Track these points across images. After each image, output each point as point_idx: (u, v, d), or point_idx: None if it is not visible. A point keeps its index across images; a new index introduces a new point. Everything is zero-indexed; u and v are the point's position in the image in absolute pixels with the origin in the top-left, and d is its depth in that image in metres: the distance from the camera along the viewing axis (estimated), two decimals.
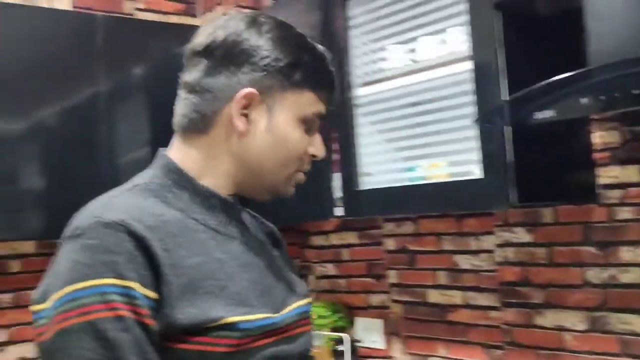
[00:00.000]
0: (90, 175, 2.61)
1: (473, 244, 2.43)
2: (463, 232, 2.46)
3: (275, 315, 1.02)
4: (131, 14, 3.15)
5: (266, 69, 1.03)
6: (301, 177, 1.12)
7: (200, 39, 1.08)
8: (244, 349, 0.95)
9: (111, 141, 2.67)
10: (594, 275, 2.09)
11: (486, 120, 1.79)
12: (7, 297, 2.76)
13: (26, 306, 2.74)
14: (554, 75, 1.59)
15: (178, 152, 1.09)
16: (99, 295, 0.88)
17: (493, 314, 2.36)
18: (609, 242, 2.05)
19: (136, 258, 0.91)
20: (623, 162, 2.01)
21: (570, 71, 1.57)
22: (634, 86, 1.49)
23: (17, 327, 2.77)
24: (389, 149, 2.28)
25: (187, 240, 0.99)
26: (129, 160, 2.72)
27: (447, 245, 2.51)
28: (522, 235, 2.28)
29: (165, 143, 2.97)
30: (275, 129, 1.05)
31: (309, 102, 1.07)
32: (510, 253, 2.31)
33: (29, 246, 2.83)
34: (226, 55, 1.04)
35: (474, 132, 1.92)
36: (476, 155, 1.93)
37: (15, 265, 2.80)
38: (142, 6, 3.20)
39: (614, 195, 2.03)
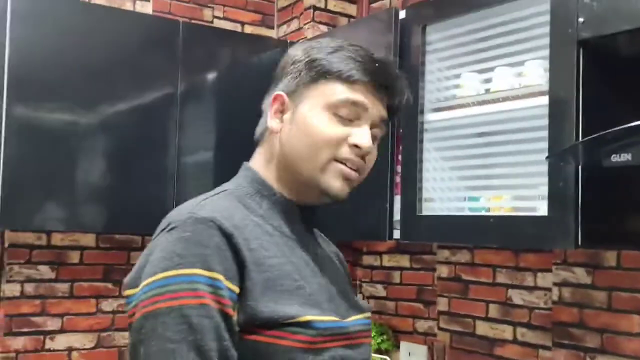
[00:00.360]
0: (154, 174, 2.68)
1: (529, 280, 2.40)
2: (520, 267, 2.43)
3: (343, 320, 1.09)
4: (210, 22, 3.22)
5: (293, 71, 1.13)
6: (346, 170, 1.10)
7: None
8: (314, 347, 1.02)
9: (179, 142, 2.72)
10: None
11: (559, 158, 1.77)
12: (64, 287, 2.84)
13: (81, 297, 2.84)
14: (633, 119, 1.57)
15: (257, 163, 1.19)
16: (187, 283, 0.96)
17: (544, 353, 2.32)
18: None
19: (224, 252, 0.99)
20: None
21: None
22: None
23: (69, 316, 2.84)
24: (453, 176, 2.28)
25: (266, 242, 1.06)
26: (193, 161, 2.78)
27: (502, 279, 2.49)
28: (581, 276, 2.24)
29: (229, 148, 3.04)
30: (297, 119, 1.11)
31: (337, 91, 1.09)
32: (567, 293, 2.27)
33: (89, 239, 2.90)
34: (276, 75, 1.17)
35: (541, 168, 1.90)
36: (541, 192, 1.91)
37: (74, 256, 2.88)
38: (220, 15, 3.27)
39: None
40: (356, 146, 1.10)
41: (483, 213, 2.12)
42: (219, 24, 3.24)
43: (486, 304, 2.54)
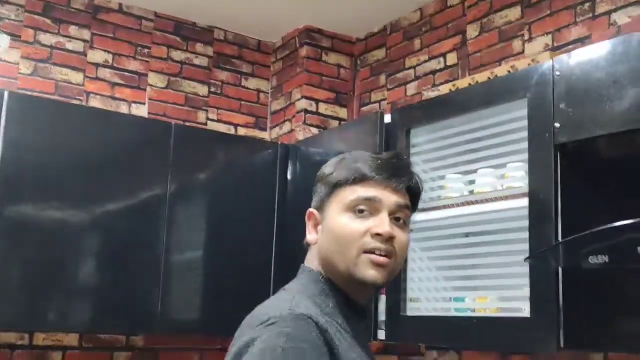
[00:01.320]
0: (141, 273, 2.68)
1: None
2: None
3: None
4: (204, 124, 3.30)
5: (317, 189, 1.29)
6: (374, 257, 1.20)
7: None
8: None
9: (167, 242, 2.74)
10: None
11: (538, 260, 1.78)
12: None
13: None
14: (612, 219, 1.59)
15: (313, 265, 1.29)
16: None
17: None
18: None
19: (320, 348, 1.09)
20: None
21: (628, 216, 1.57)
22: None
23: None
24: (438, 276, 2.28)
25: (340, 338, 1.16)
26: (181, 261, 2.78)
27: None
28: None
29: (217, 249, 3.04)
30: (325, 227, 1.25)
31: (348, 194, 1.23)
32: None
33: (72, 338, 2.87)
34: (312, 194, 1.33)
35: (524, 269, 1.91)
36: (525, 293, 1.91)
37: (56, 357, 2.83)
38: (214, 117, 3.36)
39: None
40: (377, 234, 1.20)
41: (468, 314, 2.11)
42: (212, 126, 3.33)
43: None
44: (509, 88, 2.05)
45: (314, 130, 3.24)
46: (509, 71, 2.18)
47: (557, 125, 1.86)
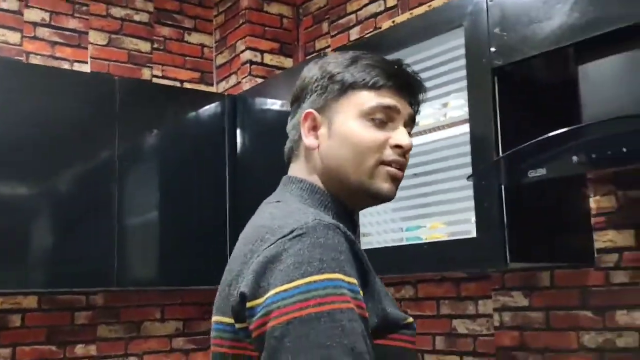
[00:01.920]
0: (97, 231, 2.68)
1: (471, 308, 2.44)
2: (461, 297, 2.48)
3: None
4: (149, 81, 3.28)
5: (318, 88, 1.15)
6: (392, 170, 1.13)
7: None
8: (414, 347, 1.07)
9: (122, 200, 2.74)
10: (590, 339, 2.09)
11: (481, 177, 1.85)
12: (5, 352, 2.78)
13: None
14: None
15: (302, 175, 1.18)
16: (333, 287, 0.93)
17: None
18: (605, 307, 2.07)
19: (351, 258, 0.98)
20: (618, 226, 2.05)
21: None
22: (625, 144, 1.55)
23: None
24: (387, 209, 2.34)
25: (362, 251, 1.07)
26: (137, 218, 2.79)
27: (446, 310, 2.53)
28: (519, 299, 2.30)
29: (173, 207, 3.05)
30: (335, 132, 1.13)
31: (366, 99, 1.12)
32: (507, 317, 2.33)
33: (30, 301, 2.86)
34: (297, 96, 1.19)
35: (470, 192, 1.98)
36: (472, 216, 1.98)
37: (15, 320, 2.83)
38: (159, 73, 3.34)
39: (610, 259, 2.07)
40: (398, 146, 1.13)
41: (420, 241, 2.17)
42: (158, 83, 3.30)
43: (432, 336, 2.57)
44: (445, 18, 2.10)
45: (261, 82, 3.25)
46: (445, 2, 2.22)
47: (492, 49, 1.92)
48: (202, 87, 3.44)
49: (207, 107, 3.04)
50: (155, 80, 3.31)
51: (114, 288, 2.81)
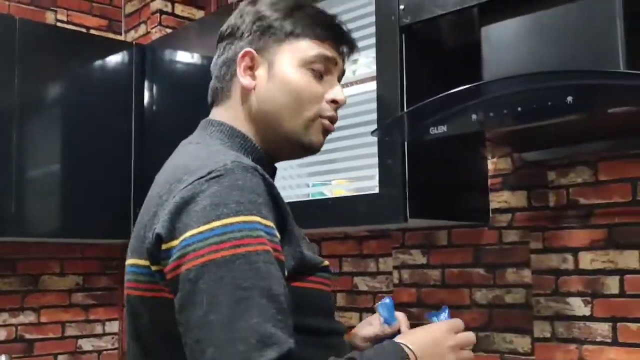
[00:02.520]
0: None
1: (372, 266, 2.49)
2: (363, 254, 2.53)
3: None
4: (53, 26, 3.14)
5: (258, 29, 1.14)
6: (327, 124, 1.16)
7: (219, 31, 1.21)
8: (329, 289, 1.10)
9: (20, 144, 2.63)
10: (482, 295, 2.18)
11: (385, 133, 1.87)
12: None
13: None
14: None
15: (227, 119, 1.16)
16: (249, 230, 0.93)
17: None
18: (496, 264, 2.15)
19: (269, 201, 0.98)
20: (513, 187, 2.13)
21: None
22: (521, 104, 1.60)
23: None
24: (292, 164, 2.34)
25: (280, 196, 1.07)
26: (38, 165, 2.69)
27: (348, 267, 2.57)
28: (418, 257, 2.36)
29: (77, 158, 2.97)
30: (276, 76, 1.12)
31: (308, 48, 1.13)
32: (406, 274, 2.39)
33: None
34: (231, 33, 1.17)
35: (375, 149, 2.00)
36: (375, 172, 2.01)
37: None
38: (64, 19, 3.20)
39: (503, 219, 2.15)
40: (334, 101, 1.15)
41: (325, 197, 2.19)
42: (63, 27, 3.17)
43: (334, 294, 2.61)
44: None
45: (171, 32, 3.17)
46: None
47: (401, 7, 1.94)
48: (110, 35, 3.33)
49: (114, 55, 2.95)
50: (59, 25, 3.17)
51: (10, 238, 2.71)
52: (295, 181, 2.34)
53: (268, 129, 1.14)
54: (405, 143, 1.91)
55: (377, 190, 2.00)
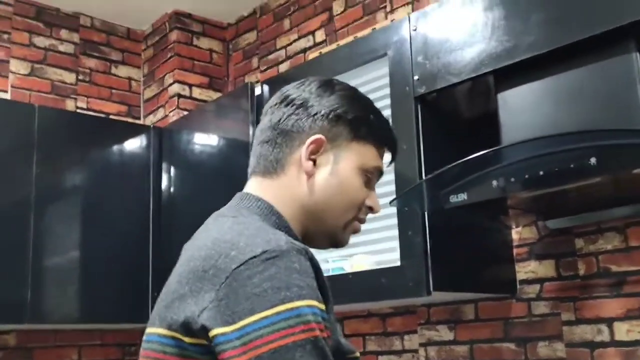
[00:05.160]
0: (11, 263, 2.55)
1: (397, 344, 2.40)
2: (387, 332, 2.44)
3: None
4: (71, 111, 3.19)
5: (335, 119, 1.11)
6: (358, 227, 1.16)
7: (276, 95, 1.17)
8: None
9: (38, 230, 2.62)
10: None
11: (404, 203, 1.84)
12: None
13: None
14: None
15: (267, 195, 1.12)
16: (313, 315, 0.91)
17: None
18: (527, 338, 2.06)
19: (318, 287, 0.96)
20: (539, 257, 2.06)
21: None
22: (542, 167, 1.57)
23: None
24: None
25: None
26: (54, 251, 2.67)
27: (372, 346, 2.48)
28: (444, 333, 2.27)
29: (95, 243, 2.94)
30: (338, 173, 1.11)
31: (371, 156, 1.13)
32: (432, 351, 2.29)
33: None
34: (302, 105, 1.12)
35: (395, 220, 1.96)
36: (397, 244, 1.96)
37: None
38: (84, 105, 3.25)
39: (532, 290, 2.07)
40: (371, 208, 1.15)
41: (345, 272, 2.13)
42: (81, 113, 3.22)
43: None
44: (370, 48, 2.12)
45: (188, 113, 3.20)
46: (370, 32, 2.24)
47: (416, 78, 1.94)
48: (129, 120, 3.36)
49: (132, 139, 2.96)
50: (79, 112, 3.22)
51: (27, 326, 2.66)
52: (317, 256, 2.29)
53: (310, 219, 1.12)
54: (426, 213, 1.86)
55: (398, 263, 1.95)
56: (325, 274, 2.15)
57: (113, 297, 2.78)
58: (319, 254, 2.23)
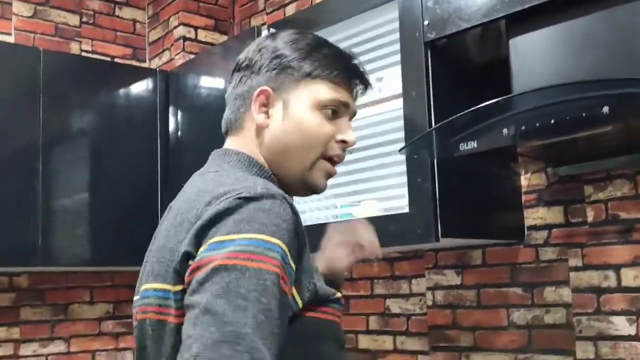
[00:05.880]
0: (21, 207, 2.57)
1: (404, 288, 2.43)
2: (395, 276, 2.46)
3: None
4: (77, 55, 3.16)
5: (277, 67, 1.14)
6: (330, 168, 1.16)
7: (236, 60, 1.21)
8: (340, 321, 1.11)
9: (46, 173, 2.63)
10: (520, 316, 2.10)
11: (413, 151, 1.82)
12: None
13: None
14: None
15: (242, 149, 1.17)
16: (266, 249, 0.94)
17: (422, 358, 2.35)
18: (534, 283, 2.08)
19: (292, 230, 0.99)
20: (548, 203, 2.06)
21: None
22: (554, 116, 1.55)
23: None
24: None
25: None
26: (63, 194, 2.69)
27: (380, 290, 2.51)
28: (451, 277, 2.29)
29: (103, 185, 2.95)
30: (290, 116, 1.13)
31: (325, 90, 1.14)
32: (440, 296, 2.32)
33: None
34: (248, 65, 1.17)
35: (403, 167, 1.95)
36: (404, 191, 1.95)
37: None
38: (89, 48, 3.22)
39: (540, 236, 2.08)
40: (344, 141, 1.15)
41: (353, 217, 2.14)
42: (87, 57, 3.19)
43: (366, 316, 2.55)
44: None
45: (194, 57, 3.17)
46: None
47: (426, 23, 1.90)
48: (134, 63, 3.33)
49: (138, 83, 2.94)
50: (84, 55, 3.18)
51: (38, 268, 2.70)
52: (323, 203, 2.30)
53: (278, 167, 1.15)
54: (435, 160, 1.85)
55: (407, 210, 1.95)
56: (333, 220, 2.17)
57: (122, 239, 2.80)
58: (329, 201, 2.24)
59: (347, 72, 1.16)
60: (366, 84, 1.20)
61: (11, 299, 2.87)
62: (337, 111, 1.15)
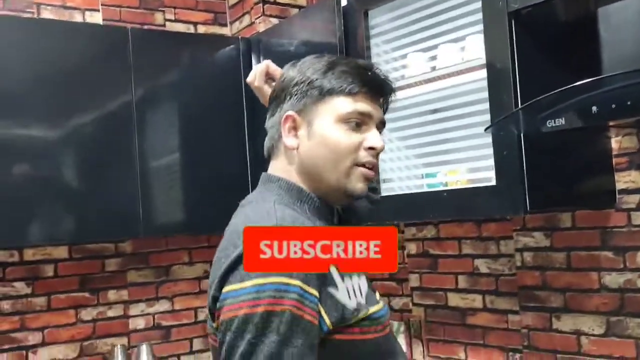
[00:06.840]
0: (121, 180, 2.71)
1: (492, 248, 2.46)
2: (483, 237, 2.49)
3: (381, 308, 1.23)
4: (162, 25, 3.24)
5: (297, 92, 1.25)
6: (366, 171, 1.25)
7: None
8: (378, 335, 1.18)
9: (142, 148, 2.76)
10: (611, 279, 2.10)
11: (498, 128, 1.82)
12: (41, 301, 2.87)
13: (58, 309, 2.87)
14: (568, 83, 1.61)
15: (281, 173, 1.29)
16: (277, 291, 1.07)
17: (512, 317, 2.39)
18: (626, 247, 2.07)
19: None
20: None
21: (584, 79, 1.59)
22: None
23: (50, 329, 2.88)
24: (409, 155, 2.33)
25: None
26: (156, 165, 2.82)
27: (468, 250, 2.55)
28: (540, 239, 2.30)
29: (193, 153, 3.06)
30: (315, 134, 1.24)
31: (343, 104, 1.23)
32: (529, 257, 2.34)
33: (61, 251, 2.94)
34: (277, 96, 1.30)
35: (490, 139, 1.95)
36: (492, 162, 1.96)
37: (48, 270, 2.91)
38: (172, 17, 3.29)
39: (632, 200, 2.05)
40: (371, 148, 1.24)
41: (440, 188, 2.17)
42: (171, 26, 3.27)
43: (455, 275, 2.60)
44: None
45: (275, 21, 3.19)
46: None
47: None
48: (216, 29, 3.39)
49: (221, 51, 3.01)
50: (168, 24, 3.26)
51: (141, 237, 2.87)
52: (411, 172, 2.33)
53: (315, 181, 1.25)
54: (521, 134, 1.85)
55: (494, 182, 1.96)
56: (420, 190, 2.20)
57: (215, 206, 2.89)
58: (417, 169, 2.26)
59: (365, 83, 1.24)
60: (386, 91, 1.28)
61: (118, 264, 3.07)
62: (361, 122, 1.23)
